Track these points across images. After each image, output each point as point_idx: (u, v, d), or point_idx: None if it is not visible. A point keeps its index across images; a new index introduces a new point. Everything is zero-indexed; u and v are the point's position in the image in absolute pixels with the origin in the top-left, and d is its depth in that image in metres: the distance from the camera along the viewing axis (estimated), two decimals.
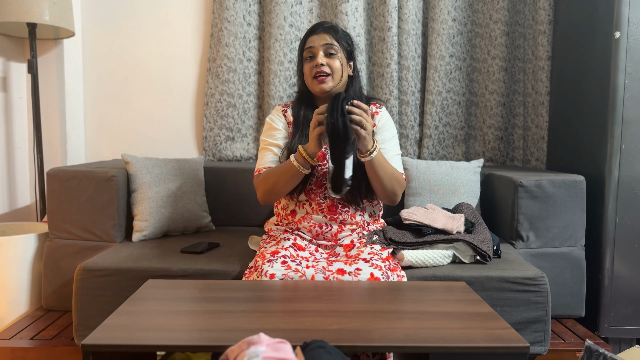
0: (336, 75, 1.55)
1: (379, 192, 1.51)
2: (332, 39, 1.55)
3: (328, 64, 1.53)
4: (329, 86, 1.54)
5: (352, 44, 1.62)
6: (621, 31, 1.81)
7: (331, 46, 1.54)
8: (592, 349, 1.25)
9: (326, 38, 1.55)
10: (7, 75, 2.30)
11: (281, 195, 1.53)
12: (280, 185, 1.48)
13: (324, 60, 1.53)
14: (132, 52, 2.48)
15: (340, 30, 1.59)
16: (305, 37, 1.59)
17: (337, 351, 0.83)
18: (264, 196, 1.53)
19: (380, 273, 1.36)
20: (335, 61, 1.54)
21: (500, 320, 1.02)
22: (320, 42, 1.54)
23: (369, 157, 1.40)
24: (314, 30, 1.58)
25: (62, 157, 2.40)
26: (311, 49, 1.56)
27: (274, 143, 1.60)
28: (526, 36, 2.46)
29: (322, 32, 1.56)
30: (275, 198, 1.54)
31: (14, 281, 1.86)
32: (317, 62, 1.53)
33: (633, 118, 1.82)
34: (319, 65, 1.53)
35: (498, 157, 2.50)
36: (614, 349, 1.91)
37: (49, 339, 1.65)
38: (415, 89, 2.45)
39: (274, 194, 1.51)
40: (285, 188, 1.50)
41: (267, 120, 1.66)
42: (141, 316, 1.03)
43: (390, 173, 1.47)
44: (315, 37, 1.56)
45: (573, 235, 1.85)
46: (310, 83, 1.57)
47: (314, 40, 1.56)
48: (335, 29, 1.58)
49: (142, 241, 1.89)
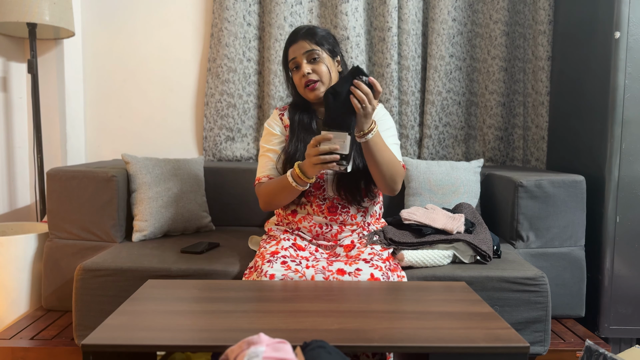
0: (325, 79, 1.53)
1: (378, 180, 1.47)
2: (311, 44, 1.52)
3: (314, 71, 1.52)
4: (322, 91, 1.53)
5: (333, 41, 1.59)
6: (621, 31, 1.81)
7: (312, 52, 1.52)
8: (592, 349, 1.25)
9: (305, 45, 1.52)
10: (7, 75, 2.30)
11: (281, 205, 1.57)
12: (278, 199, 1.52)
13: (309, 68, 1.52)
14: (132, 52, 2.48)
15: (318, 32, 1.55)
16: (286, 49, 1.57)
17: (337, 351, 0.83)
18: (265, 206, 1.57)
19: (380, 273, 1.36)
20: (320, 66, 1.52)
21: (500, 320, 1.02)
22: (300, 52, 1.52)
23: (365, 138, 1.36)
24: (292, 40, 1.55)
25: (62, 157, 2.40)
26: (294, 60, 1.54)
27: (272, 149, 1.61)
28: (526, 36, 2.46)
29: (300, 39, 1.53)
30: (277, 207, 1.59)
31: (14, 281, 1.86)
32: (303, 72, 1.52)
33: (633, 118, 1.82)
34: (306, 75, 1.51)
35: (498, 157, 2.50)
36: (614, 349, 1.91)
37: (49, 339, 1.65)
38: (415, 89, 2.45)
39: (273, 205, 1.56)
40: (284, 201, 1.53)
41: (265, 126, 1.67)
42: (141, 316, 1.03)
43: (388, 159, 1.43)
44: (295, 47, 1.54)
45: (573, 235, 1.85)
46: (303, 92, 1.56)
47: (295, 51, 1.54)
48: (312, 32, 1.55)
49: (142, 241, 1.88)
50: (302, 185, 1.42)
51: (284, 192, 1.47)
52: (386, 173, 1.44)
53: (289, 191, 1.46)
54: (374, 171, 1.45)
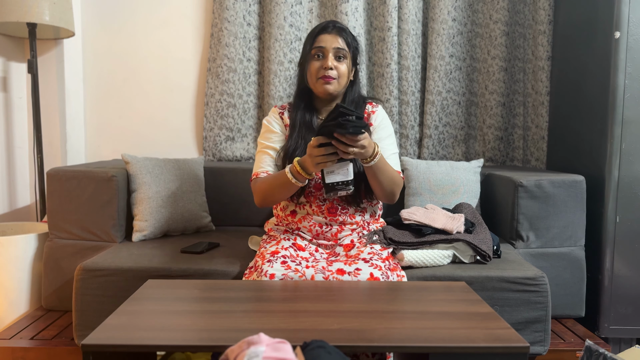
0: (342, 80, 1.54)
1: (378, 193, 1.52)
2: (343, 42, 1.54)
3: (336, 68, 1.52)
4: (333, 88, 1.54)
5: (358, 49, 1.61)
6: (621, 31, 1.81)
7: (342, 50, 1.53)
8: (592, 349, 1.25)
9: (338, 41, 1.53)
10: (7, 75, 2.30)
11: (277, 202, 1.55)
12: (275, 194, 1.50)
13: (334, 63, 1.52)
14: (132, 52, 2.48)
15: (350, 33, 1.58)
16: (316, 34, 1.55)
17: (337, 351, 0.83)
18: (260, 202, 1.54)
19: (380, 273, 1.36)
20: (343, 65, 1.54)
21: (500, 320, 1.02)
22: (332, 45, 1.52)
23: (369, 164, 1.40)
24: (325, 27, 1.55)
25: (62, 157, 2.40)
26: (322, 49, 1.53)
27: (271, 146, 1.60)
28: (526, 36, 2.46)
29: (335, 33, 1.54)
30: (272, 204, 1.56)
31: (14, 281, 1.86)
32: (327, 65, 1.51)
33: (633, 118, 1.82)
34: (328, 68, 1.51)
35: (498, 157, 2.50)
36: (614, 349, 1.91)
37: (49, 339, 1.65)
38: (415, 89, 2.45)
39: (269, 201, 1.53)
40: (281, 197, 1.51)
41: (264, 122, 1.66)
42: (141, 316, 1.03)
43: (390, 177, 1.47)
44: (328, 37, 1.53)
45: (573, 235, 1.85)
46: (314, 82, 1.55)
47: (326, 40, 1.53)
48: (347, 31, 1.57)
49: (142, 241, 1.88)
50: (301, 182, 1.42)
51: (282, 188, 1.46)
52: (387, 189, 1.48)
53: (286, 187, 1.44)
54: (375, 187, 1.49)
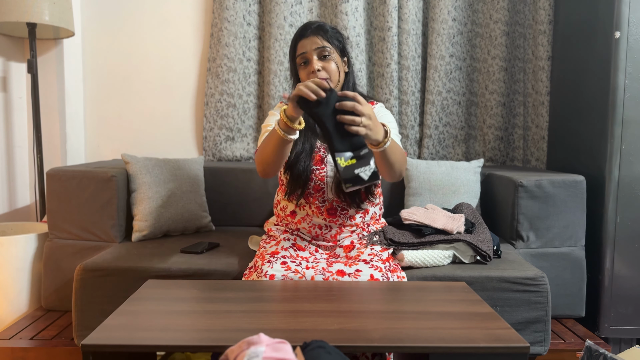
0: (334, 77, 1.49)
1: (386, 174, 1.40)
2: (323, 40, 1.48)
3: (324, 68, 1.48)
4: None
5: (343, 40, 1.56)
6: (621, 31, 1.81)
7: (324, 49, 1.48)
8: (592, 349, 1.25)
9: (317, 41, 1.48)
10: (7, 75, 2.30)
11: (275, 165, 1.41)
12: (270, 157, 1.37)
13: (319, 65, 1.47)
14: (132, 52, 2.47)
15: (329, 28, 1.52)
16: (295, 42, 1.52)
17: (337, 351, 0.83)
18: (261, 169, 1.44)
19: (380, 274, 1.36)
20: (330, 63, 1.49)
21: (500, 320, 1.02)
22: (312, 47, 1.48)
23: (383, 147, 1.28)
24: (302, 33, 1.51)
25: (62, 157, 2.40)
26: (304, 55, 1.49)
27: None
28: (526, 36, 2.46)
29: (312, 34, 1.49)
30: (271, 169, 1.43)
31: (14, 281, 1.86)
32: (312, 69, 1.47)
33: (633, 118, 1.82)
34: (315, 71, 1.47)
35: (498, 157, 2.50)
36: (614, 349, 1.91)
37: (48, 339, 1.65)
38: (415, 89, 2.45)
39: (267, 166, 1.41)
40: (275, 158, 1.38)
41: (270, 112, 1.62)
42: (141, 316, 1.03)
43: (400, 157, 1.37)
44: (306, 41, 1.49)
45: (573, 235, 1.85)
46: None
47: (305, 45, 1.49)
48: (324, 28, 1.51)
49: (142, 241, 1.88)
50: (289, 134, 1.30)
51: (272, 143, 1.34)
52: (397, 170, 1.38)
53: (276, 142, 1.33)
54: (385, 169, 1.37)
